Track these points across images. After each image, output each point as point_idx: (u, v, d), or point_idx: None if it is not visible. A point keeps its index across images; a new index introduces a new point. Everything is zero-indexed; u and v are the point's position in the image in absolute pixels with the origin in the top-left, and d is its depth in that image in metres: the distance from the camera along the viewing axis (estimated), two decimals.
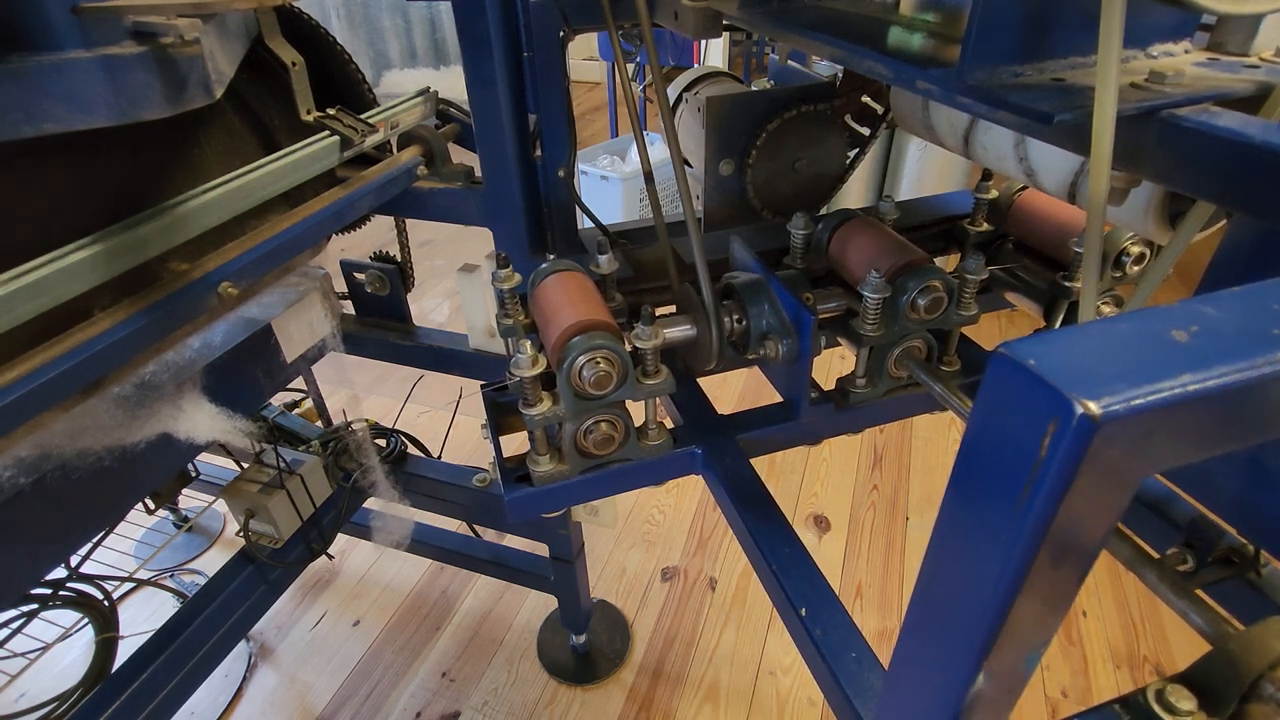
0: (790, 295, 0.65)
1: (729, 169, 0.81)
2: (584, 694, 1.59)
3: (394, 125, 1.00)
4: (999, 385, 0.24)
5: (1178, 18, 0.46)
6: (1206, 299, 0.25)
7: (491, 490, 1.31)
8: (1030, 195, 0.86)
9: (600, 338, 0.60)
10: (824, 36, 0.57)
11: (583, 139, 4.37)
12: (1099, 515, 0.24)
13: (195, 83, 0.68)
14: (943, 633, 0.30)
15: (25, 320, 0.62)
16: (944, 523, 0.28)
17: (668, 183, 2.84)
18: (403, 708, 1.57)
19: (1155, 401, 0.21)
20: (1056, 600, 0.27)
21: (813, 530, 1.95)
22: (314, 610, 1.79)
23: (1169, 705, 0.34)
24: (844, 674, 0.52)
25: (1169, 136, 0.41)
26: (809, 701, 1.56)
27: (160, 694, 1.05)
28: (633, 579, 1.84)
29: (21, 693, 1.58)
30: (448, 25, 3.57)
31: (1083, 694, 1.58)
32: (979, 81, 0.44)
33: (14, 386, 0.60)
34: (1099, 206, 0.42)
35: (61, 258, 0.64)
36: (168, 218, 0.73)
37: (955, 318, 0.68)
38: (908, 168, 2.64)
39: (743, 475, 0.68)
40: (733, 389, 2.49)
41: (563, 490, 0.67)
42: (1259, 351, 0.23)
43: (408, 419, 2.11)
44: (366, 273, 1.16)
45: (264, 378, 1.01)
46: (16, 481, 0.68)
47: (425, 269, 3.18)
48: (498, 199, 0.95)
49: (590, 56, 4.78)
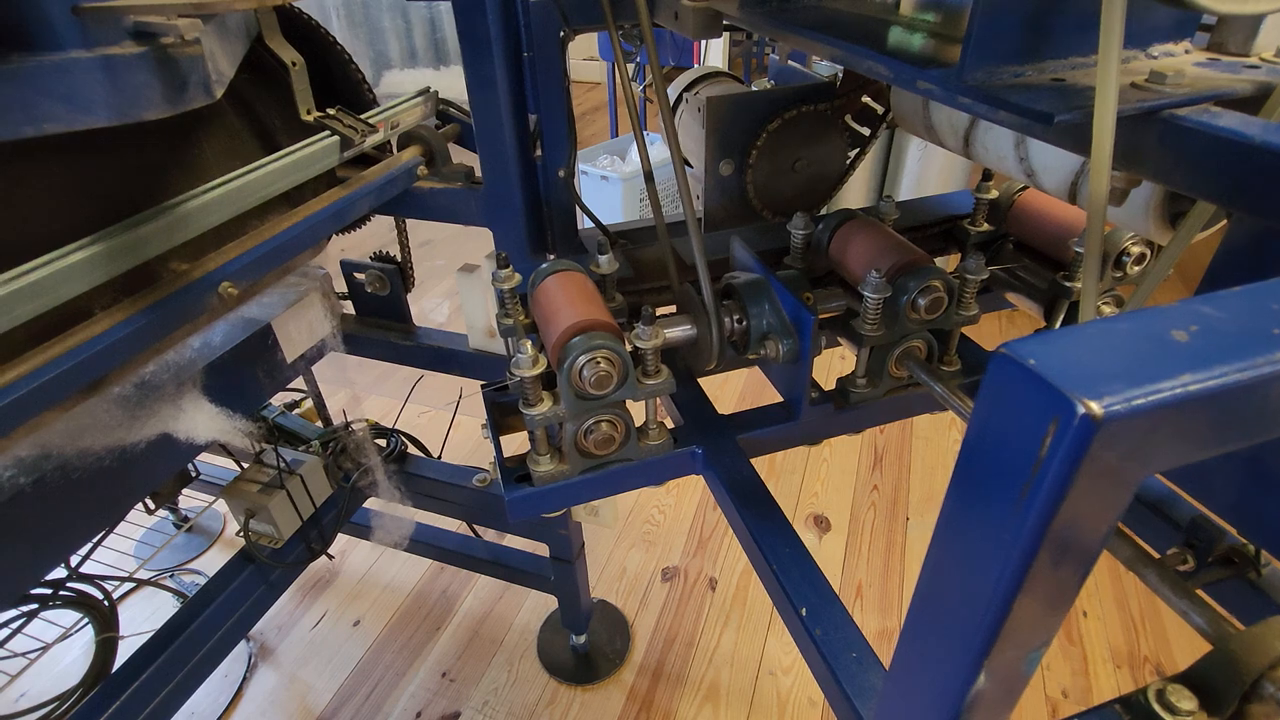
0: (790, 295, 0.65)
1: (729, 169, 0.81)
2: (584, 694, 1.59)
3: (394, 125, 1.00)
4: (1000, 385, 0.24)
5: (1178, 18, 0.46)
6: (1207, 299, 0.25)
7: (491, 490, 1.31)
8: (1030, 195, 0.86)
9: (600, 338, 0.60)
10: (824, 36, 0.57)
11: (583, 139, 4.37)
12: (1100, 515, 0.24)
13: (195, 83, 0.68)
14: (943, 632, 0.30)
15: (25, 320, 0.62)
16: (945, 522, 0.28)
17: (668, 183, 2.84)
18: (403, 708, 1.57)
19: (1156, 401, 0.21)
20: (1057, 600, 0.27)
21: (813, 530, 1.95)
22: (314, 610, 1.79)
23: (1169, 705, 0.34)
24: (844, 674, 0.52)
25: (1169, 137, 0.41)
26: (809, 702, 1.56)
27: (160, 694, 1.05)
28: (633, 579, 1.84)
29: (21, 692, 1.58)
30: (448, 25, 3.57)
31: (1083, 694, 1.58)
32: (979, 81, 0.44)
33: (14, 386, 0.60)
34: (1099, 207, 0.42)
35: (61, 258, 0.64)
36: (168, 218, 0.73)
37: (956, 318, 0.68)
38: (908, 168, 2.64)
39: (743, 475, 0.68)
40: (733, 389, 2.49)
41: (563, 490, 0.67)
42: (1259, 351, 0.23)
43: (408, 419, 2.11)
44: (366, 273, 1.16)
45: (264, 378, 1.01)
46: (16, 481, 0.68)
47: (425, 269, 3.18)
48: (498, 199, 0.95)
49: (590, 56, 4.78)
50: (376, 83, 1.10)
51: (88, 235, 0.67)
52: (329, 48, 1.03)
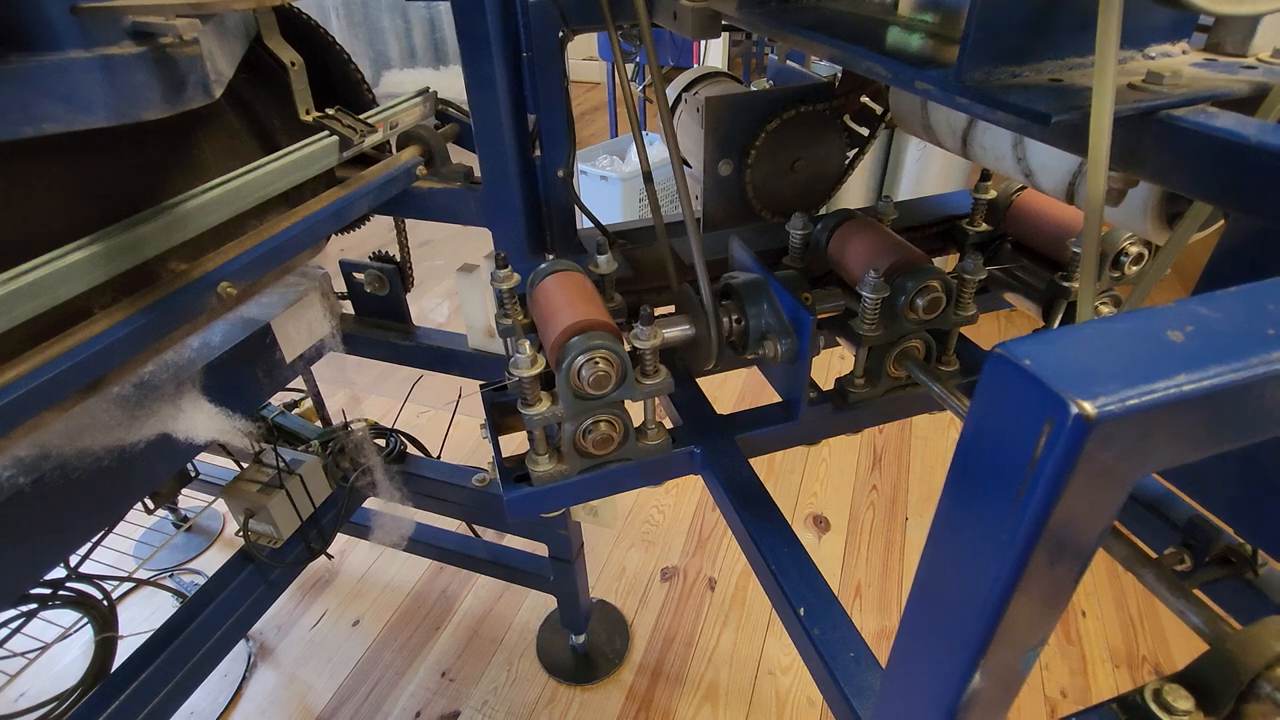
0: (789, 295, 0.65)
1: (728, 169, 0.81)
2: (583, 694, 1.59)
3: (393, 125, 1.00)
4: (995, 385, 0.24)
5: (1175, 18, 0.46)
6: (1203, 299, 0.25)
7: (491, 490, 1.31)
8: (1028, 195, 0.86)
9: (599, 338, 0.60)
10: (823, 37, 0.57)
11: (582, 139, 4.37)
12: (1095, 514, 0.24)
13: (194, 83, 0.68)
14: (940, 632, 0.30)
15: (25, 320, 0.62)
16: (941, 522, 0.28)
17: (667, 183, 2.84)
18: (402, 707, 1.57)
19: (1150, 401, 0.21)
20: (1053, 599, 0.27)
21: (812, 530, 1.95)
22: (314, 610, 1.79)
23: (1167, 705, 0.34)
24: (842, 674, 0.52)
25: (1166, 137, 0.41)
26: (808, 701, 1.56)
27: (159, 694, 1.05)
28: (632, 579, 1.84)
29: (21, 692, 1.58)
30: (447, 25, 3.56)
31: (1081, 693, 1.58)
32: (977, 82, 0.44)
33: (14, 386, 0.60)
34: (1097, 207, 0.42)
35: (61, 258, 0.64)
36: (167, 218, 0.73)
37: (954, 318, 0.68)
38: (907, 168, 2.64)
39: (742, 475, 0.68)
40: (732, 389, 2.50)
41: (562, 490, 0.67)
42: (1255, 352, 0.23)
43: (407, 419, 2.11)
44: (366, 273, 1.16)
45: (263, 378, 1.01)
46: (16, 481, 0.68)
47: (425, 269, 3.18)
48: (497, 199, 0.95)
49: (590, 56, 4.78)
50: (376, 83, 1.10)
51: (87, 235, 0.68)
52: (328, 48, 1.03)
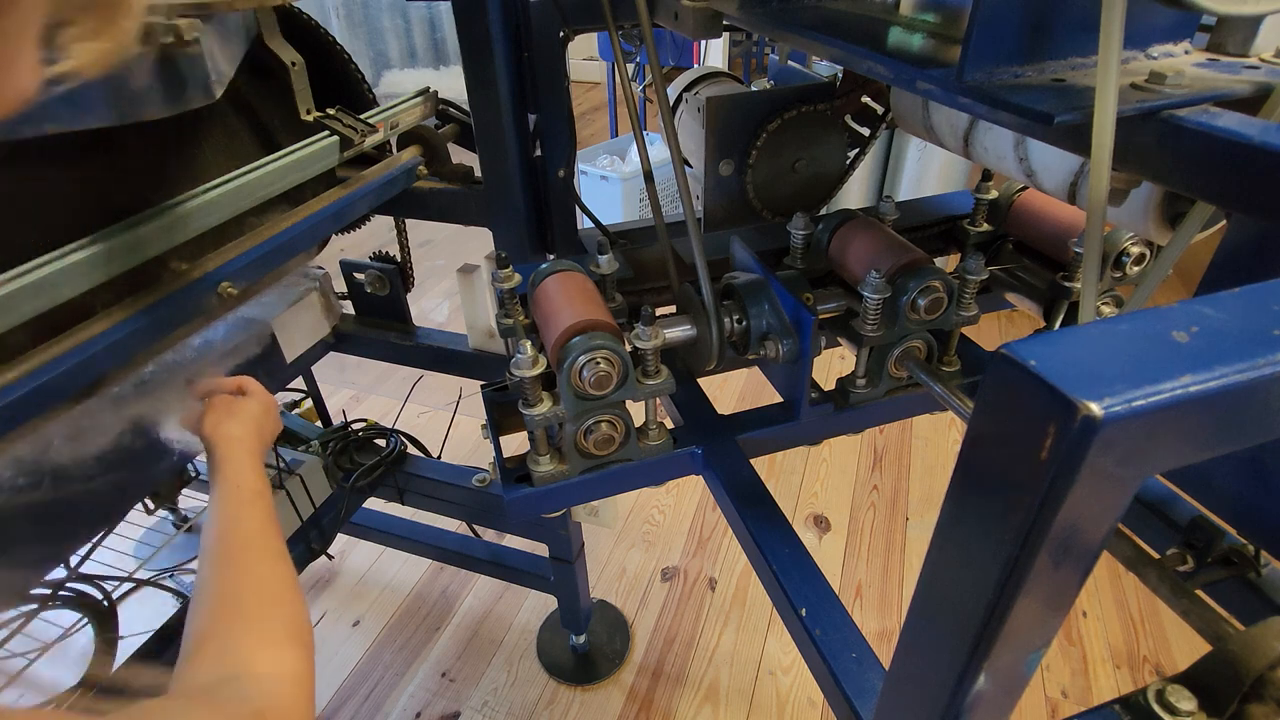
0: (790, 295, 0.65)
1: (729, 169, 0.81)
2: (584, 694, 1.59)
3: (394, 125, 1.00)
4: (1000, 386, 0.24)
5: (1177, 18, 0.46)
6: (1206, 300, 0.25)
7: (491, 490, 1.31)
8: (1030, 195, 0.86)
9: (600, 338, 0.60)
10: (824, 37, 0.57)
11: (583, 139, 4.37)
12: (1100, 516, 0.24)
13: (195, 83, 0.68)
14: (943, 633, 0.30)
15: (26, 320, 0.62)
16: (945, 523, 0.28)
17: (668, 183, 2.84)
18: (402, 708, 1.57)
19: (1156, 402, 0.21)
20: (1057, 601, 0.27)
21: (813, 530, 1.95)
22: (314, 610, 1.79)
23: (1169, 705, 0.34)
24: (844, 674, 0.52)
25: (1169, 137, 0.41)
26: (809, 702, 1.56)
27: None
28: (633, 579, 1.84)
29: (21, 693, 1.57)
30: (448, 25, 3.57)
31: (1083, 694, 1.58)
32: (979, 82, 0.44)
33: (14, 386, 0.60)
34: (1099, 207, 0.42)
35: (61, 258, 0.64)
36: (168, 218, 0.73)
37: (955, 318, 0.68)
38: (908, 168, 2.64)
39: (743, 475, 0.68)
40: (733, 389, 2.49)
41: (563, 490, 0.67)
42: (1259, 352, 0.23)
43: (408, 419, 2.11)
44: (366, 273, 1.16)
45: (264, 378, 1.01)
46: (16, 481, 0.68)
47: (425, 269, 3.18)
48: (498, 199, 0.95)
49: (590, 56, 4.78)
50: (376, 83, 1.10)
51: (88, 235, 0.67)
52: (328, 48, 1.02)
